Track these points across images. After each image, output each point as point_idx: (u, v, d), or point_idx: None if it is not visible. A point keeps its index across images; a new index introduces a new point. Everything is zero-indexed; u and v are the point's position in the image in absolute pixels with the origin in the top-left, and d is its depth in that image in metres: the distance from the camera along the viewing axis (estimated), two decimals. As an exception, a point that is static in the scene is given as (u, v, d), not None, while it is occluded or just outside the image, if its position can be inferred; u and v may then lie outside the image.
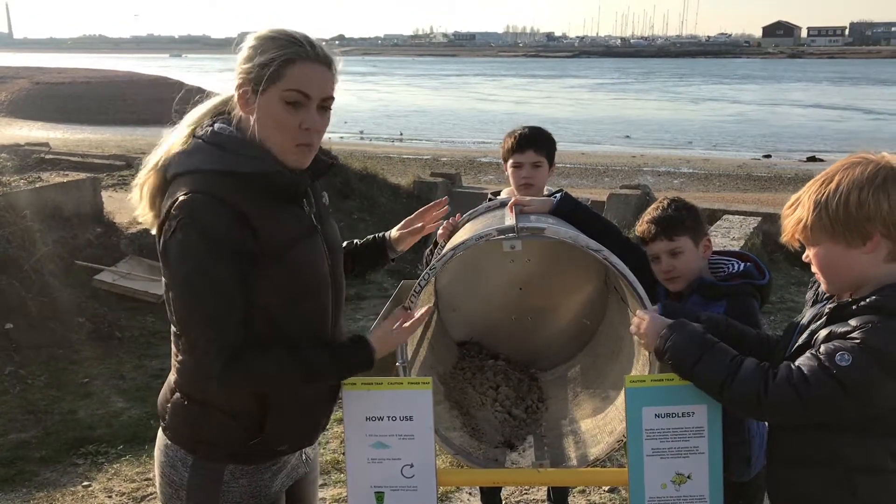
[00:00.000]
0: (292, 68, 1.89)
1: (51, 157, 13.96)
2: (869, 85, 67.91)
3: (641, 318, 2.07)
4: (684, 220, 2.60)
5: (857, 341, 1.74)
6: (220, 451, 2.02)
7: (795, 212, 1.91)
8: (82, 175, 9.69)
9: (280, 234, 1.93)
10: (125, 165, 13.80)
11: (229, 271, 1.84)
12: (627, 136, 32.87)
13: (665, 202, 2.67)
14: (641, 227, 2.68)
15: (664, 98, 55.55)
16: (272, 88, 1.90)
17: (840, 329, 1.80)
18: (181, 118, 2.10)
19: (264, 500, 2.09)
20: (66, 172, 10.16)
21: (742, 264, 2.63)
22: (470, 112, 44.24)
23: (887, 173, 1.79)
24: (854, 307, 1.81)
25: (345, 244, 2.42)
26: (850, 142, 29.88)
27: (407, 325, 2.14)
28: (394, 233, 2.49)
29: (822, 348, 1.79)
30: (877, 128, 35.30)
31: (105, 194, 9.76)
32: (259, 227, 1.88)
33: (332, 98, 1.98)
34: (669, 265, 2.60)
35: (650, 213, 2.67)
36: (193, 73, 68.66)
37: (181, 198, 1.86)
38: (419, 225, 2.57)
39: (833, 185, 1.83)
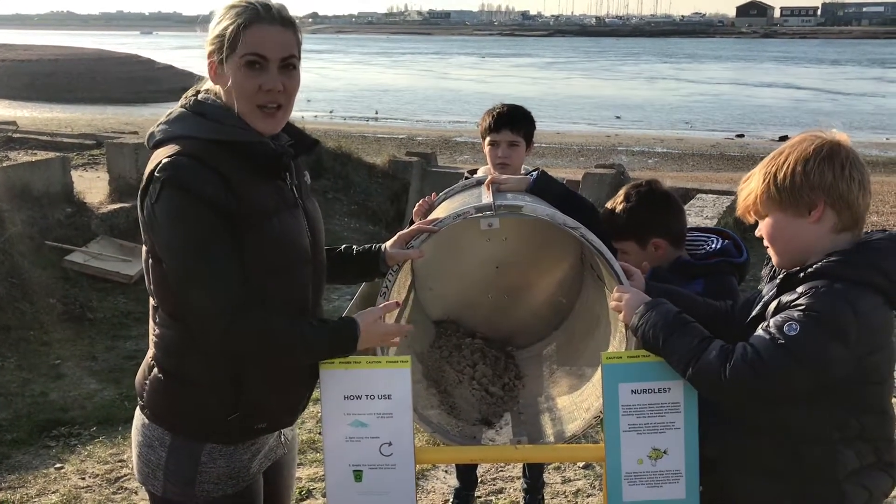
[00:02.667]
0: (247, 32, 1.90)
1: (19, 136, 13.70)
2: (840, 65, 68.56)
3: (623, 293, 2.09)
4: (628, 225, 2.55)
5: (802, 307, 1.78)
6: (198, 428, 2.00)
7: (748, 185, 1.98)
8: (51, 154, 9.53)
9: (260, 203, 1.92)
10: (95, 144, 13.60)
11: (223, 228, 1.85)
12: (618, 117, 32.98)
13: (629, 197, 2.58)
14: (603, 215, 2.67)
15: (632, 77, 55.70)
16: (233, 56, 1.91)
17: (787, 298, 1.84)
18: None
19: (242, 481, 2.08)
20: (35, 151, 9.99)
21: (721, 242, 2.63)
22: (433, 91, 44.10)
23: (832, 147, 1.88)
24: (801, 275, 1.85)
25: (343, 247, 2.40)
26: (821, 122, 30.19)
27: (392, 333, 2.12)
28: (389, 247, 2.35)
29: (772, 322, 1.82)
30: (847, 107, 35.71)
31: (75, 174, 9.62)
32: (241, 192, 1.88)
33: (294, 56, 1.97)
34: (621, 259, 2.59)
35: (614, 202, 2.62)
36: (164, 51, 67.62)
37: (164, 160, 1.86)
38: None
39: (782, 158, 1.91)
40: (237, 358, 1.95)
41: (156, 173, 1.85)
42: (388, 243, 2.35)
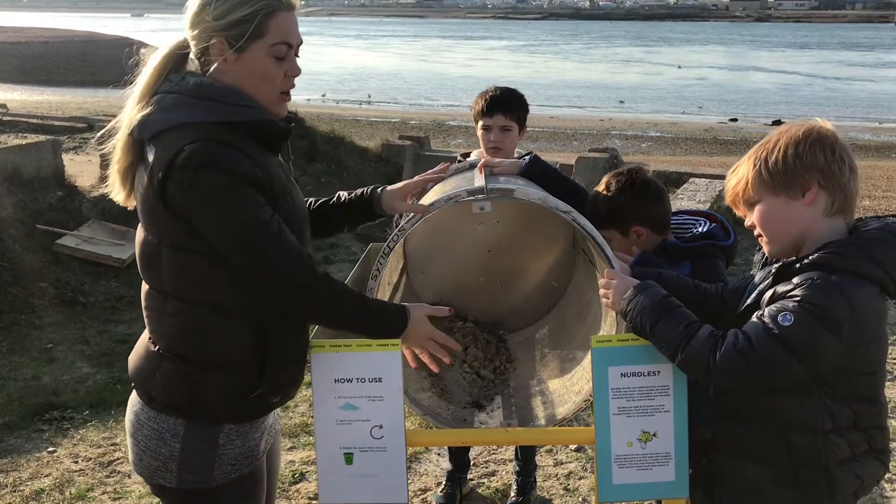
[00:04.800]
0: (273, 21, 1.91)
1: (8, 118, 13.61)
2: (833, 50, 68.49)
3: (610, 278, 2.09)
4: (608, 214, 2.53)
5: (798, 299, 1.78)
6: (215, 411, 1.97)
7: (737, 173, 1.98)
8: (42, 137, 9.46)
9: (279, 179, 1.96)
10: (87, 128, 13.51)
11: (265, 201, 1.88)
12: (621, 102, 32.92)
13: (609, 185, 2.56)
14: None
15: (616, 62, 55.58)
16: (257, 43, 1.91)
17: (783, 288, 1.84)
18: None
19: (255, 459, 2.07)
20: (25, 134, 9.93)
21: (708, 224, 2.63)
22: (421, 74, 43.98)
23: (820, 131, 1.90)
24: (798, 265, 1.85)
25: (335, 197, 2.41)
26: (814, 106, 30.28)
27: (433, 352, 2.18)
28: (388, 190, 2.36)
29: (766, 311, 1.82)
30: (840, 92, 35.74)
31: (66, 157, 9.56)
32: (265, 170, 1.90)
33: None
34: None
35: (598, 190, 2.61)
36: (156, 34, 67.03)
37: (188, 147, 1.81)
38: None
39: (772, 144, 1.92)
40: (263, 332, 1.95)
41: (179, 161, 1.80)
42: (390, 188, 2.37)
